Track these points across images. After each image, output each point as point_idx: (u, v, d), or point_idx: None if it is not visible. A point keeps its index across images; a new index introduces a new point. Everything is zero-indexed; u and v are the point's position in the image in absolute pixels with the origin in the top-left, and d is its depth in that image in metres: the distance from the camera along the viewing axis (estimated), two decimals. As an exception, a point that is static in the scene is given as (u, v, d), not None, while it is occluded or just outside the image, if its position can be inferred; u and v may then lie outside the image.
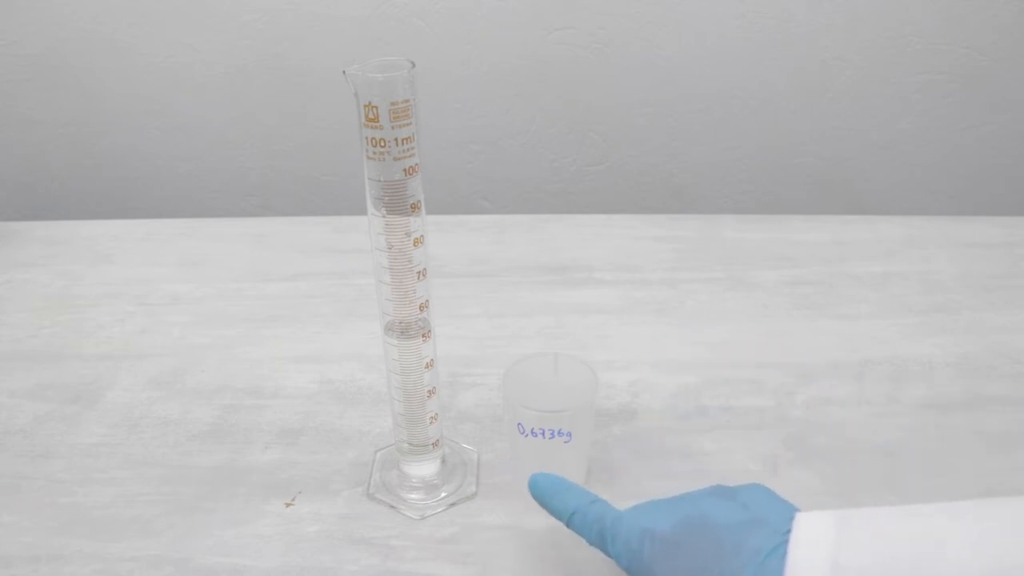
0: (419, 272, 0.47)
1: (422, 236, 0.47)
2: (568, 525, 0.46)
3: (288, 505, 0.54)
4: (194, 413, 0.63)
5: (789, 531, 0.39)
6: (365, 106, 0.42)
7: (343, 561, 0.50)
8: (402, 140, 0.43)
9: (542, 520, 0.53)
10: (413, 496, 0.54)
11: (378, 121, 0.42)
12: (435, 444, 0.54)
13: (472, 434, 0.60)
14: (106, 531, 0.53)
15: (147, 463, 0.58)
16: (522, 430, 0.51)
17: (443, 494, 0.55)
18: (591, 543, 0.45)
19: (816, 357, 0.67)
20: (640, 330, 0.72)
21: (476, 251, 0.84)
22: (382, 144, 0.43)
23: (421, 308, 0.49)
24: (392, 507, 0.54)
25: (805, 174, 1.05)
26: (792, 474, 0.56)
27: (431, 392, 0.52)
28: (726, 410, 0.62)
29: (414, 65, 0.42)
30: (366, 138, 0.43)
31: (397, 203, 0.45)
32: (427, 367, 0.51)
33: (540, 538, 0.52)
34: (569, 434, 0.51)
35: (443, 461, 0.56)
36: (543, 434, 0.51)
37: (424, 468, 0.55)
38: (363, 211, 0.46)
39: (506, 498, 0.54)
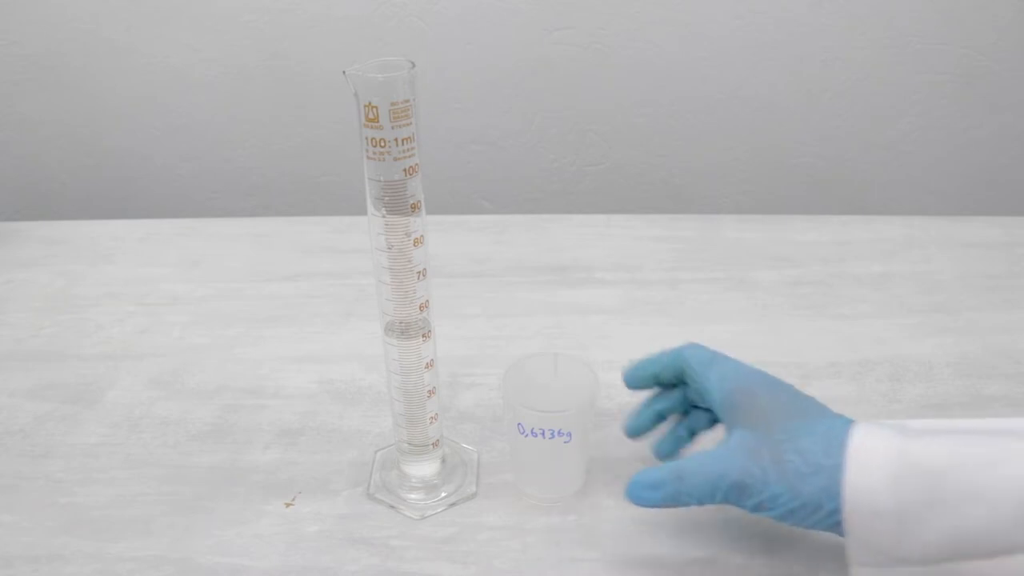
0: (419, 272, 0.47)
1: (422, 236, 0.47)
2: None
3: (288, 505, 0.54)
4: (194, 413, 0.63)
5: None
6: (365, 106, 0.42)
7: (343, 561, 0.50)
8: (402, 140, 0.43)
9: (542, 520, 0.53)
10: (413, 496, 0.54)
11: (378, 121, 0.42)
12: (435, 444, 0.54)
13: (472, 434, 0.60)
14: (106, 531, 0.53)
15: (147, 463, 0.58)
16: (522, 430, 0.51)
17: (443, 494, 0.55)
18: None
19: (816, 357, 0.67)
20: (640, 330, 0.72)
21: (476, 251, 0.84)
22: (382, 144, 0.43)
23: (421, 308, 0.49)
24: (392, 507, 0.54)
25: (805, 174, 1.05)
26: (792, 474, 0.56)
27: (431, 392, 0.52)
28: (726, 410, 0.62)
29: (414, 65, 0.42)
30: (366, 138, 0.43)
31: (397, 203, 0.45)
32: (427, 367, 0.51)
33: (540, 538, 0.52)
34: (569, 434, 0.51)
35: (443, 461, 0.56)
36: (543, 434, 0.51)
37: (424, 468, 0.55)
38: (363, 211, 0.46)
39: (506, 498, 0.54)
